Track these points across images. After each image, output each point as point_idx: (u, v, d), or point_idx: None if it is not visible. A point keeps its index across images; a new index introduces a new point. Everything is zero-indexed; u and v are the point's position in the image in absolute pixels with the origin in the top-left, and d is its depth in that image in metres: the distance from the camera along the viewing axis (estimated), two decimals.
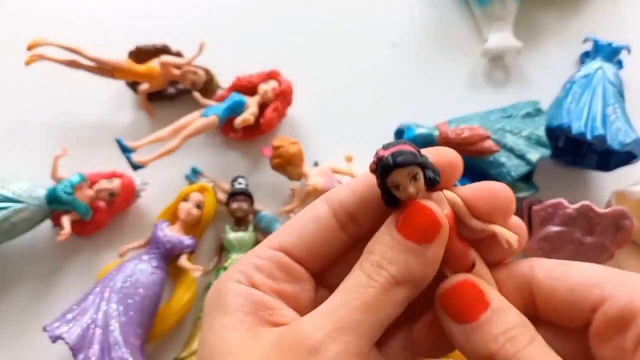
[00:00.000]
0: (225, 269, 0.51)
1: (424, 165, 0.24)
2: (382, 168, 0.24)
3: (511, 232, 0.24)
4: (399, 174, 0.24)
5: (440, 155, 0.25)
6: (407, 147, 0.24)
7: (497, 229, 0.24)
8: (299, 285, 0.25)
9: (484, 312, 0.23)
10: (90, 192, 0.53)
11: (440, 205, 0.24)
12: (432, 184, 0.24)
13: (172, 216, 0.54)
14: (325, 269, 0.26)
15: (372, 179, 0.25)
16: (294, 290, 0.25)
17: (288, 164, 0.53)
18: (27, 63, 0.54)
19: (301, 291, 0.25)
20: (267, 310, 0.24)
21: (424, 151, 0.25)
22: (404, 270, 0.22)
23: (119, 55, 0.56)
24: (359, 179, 0.26)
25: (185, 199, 0.53)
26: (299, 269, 0.25)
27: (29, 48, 0.54)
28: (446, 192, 0.25)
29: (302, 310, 0.24)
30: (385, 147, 0.24)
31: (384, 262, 0.23)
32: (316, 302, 0.25)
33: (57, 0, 0.64)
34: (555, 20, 0.65)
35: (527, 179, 0.55)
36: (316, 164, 0.56)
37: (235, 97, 0.56)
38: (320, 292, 0.26)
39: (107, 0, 0.64)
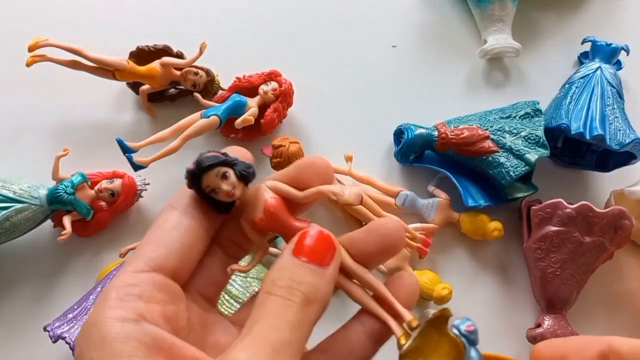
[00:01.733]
0: None
1: (229, 164, 0.25)
2: (192, 177, 0.25)
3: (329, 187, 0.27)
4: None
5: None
6: (209, 154, 0.25)
7: (320, 187, 0.27)
8: (177, 304, 0.24)
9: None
10: (91, 192, 0.53)
11: (262, 195, 0.26)
12: (246, 178, 0.26)
13: None
14: (190, 277, 0.26)
15: None
16: (176, 311, 0.24)
17: (288, 164, 0.53)
18: (29, 64, 0.55)
19: (180, 310, 0.24)
20: (167, 351, 0.21)
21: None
22: (313, 290, 0.24)
23: (119, 56, 0.57)
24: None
25: None
26: (173, 285, 0.24)
27: (30, 49, 0.54)
28: (266, 182, 0.27)
29: (181, 332, 0.23)
30: (191, 163, 0.25)
31: (294, 284, 0.23)
32: (189, 319, 0.24)
33: (57, 1, 0.64)
34: (553, 21, 0.65)
35: (526, 179, 0.55)
36: None
37: (236, 97, 0.56)
38: (192, 306, 0.26)
39: (108, 1, 0.64)
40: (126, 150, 0.51)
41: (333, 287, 0.25)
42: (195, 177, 0.25)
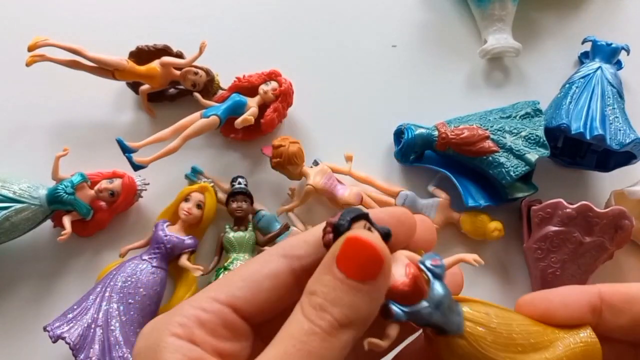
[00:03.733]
0: (225, 268, 0.51)
1: (371, 220, 0.24)
2: (341, 228, 0.23)
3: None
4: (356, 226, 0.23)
5: (394, 214, 0.25)
6: (352, 208, 0.24)
7: (463, 255, 0.25)
8: (240, 343, 0.24)
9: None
10: (91, 192, 0.53)
11: (400, 260, 0.24)
12: (388, 237, 0.24)
13: (172, 216, 0.54)
14: (267, 322, 0.25)
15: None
16: (234, 349, 0.23)
17: (288, 164, 0.54)
18: (28, 64, 0.55)
19: (241, 349, 0.24)
20: None
21: (375, 211, 0.25)
22: (349, 312, 0.21)
23: (119, 55, 0.57)
24: (316, 231, 0.25)
25: (185, 199, 0.53)
26: (243, 326, 0.24)
27: (30, 49, 0.54)
28: (403, 251, 0.25)
29: None
30: (331, 218, 0.24)
31: (326, 304, 0.21)
32: (252, 357, 0.23)
33: (57, 1, 0.64)
34: (554, 21, 0.65)
35: (526, 179, 0.55)
36: (316, 163, 0.56)
37: (236, 97, 0.56)
38: (256, 343, 0.25)
39: (108, 1, 0.64)
40: (126, 150, 0.51)
41: (379, 305, 0.22)
42: (343, 228, 0.23)
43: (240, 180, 0.55)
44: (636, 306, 0.25)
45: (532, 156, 0.52)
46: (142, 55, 0.58)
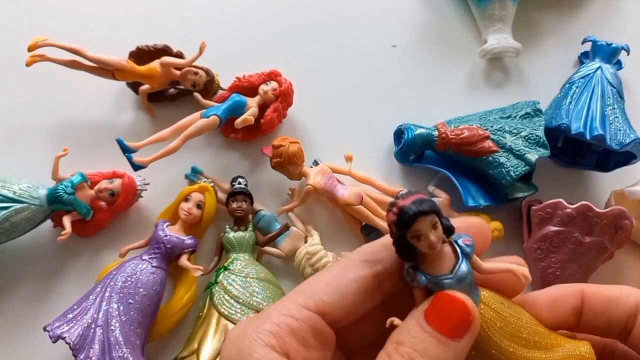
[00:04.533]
0: (225, 268, 0.51)
1: (440, 214, 0.24)
2: (406, 216, 0.23)
3: (520, 266, 0.25)
4: (423, 222, 0.24)
5: (472, 224, 0.26)
6: (425, 196, 0.24)
7: (512, 266, 0.25)
8: (325, 352, 0.24)
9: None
10: (91, 192, 0.53)
11: (449, 260, 0.25)
12: (450, 232, 0.25)
13: (172, 216, 0.54)
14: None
15: None
16: (322, 357, 0.23)
17: (288, 163, 0.54)
18: (28, 64, 0.55)
19: (326, 357, 0.24)
20: None
21: (454, 221, 0.26)
22: None
23: (119, 55, 0.57)
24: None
25: (185, 198, 0.53)
26: (329, 333, 0.24)
27: (30, 49, 0.54)
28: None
29: None
30: (402, 197, 0.24)
31: (415, 354, 0.22)
32: None
33: (57, 1, 0.64)
34: (554, 21, 0.65)
35: (526, 179, 0.55)
36: (316, 163, 0.56)
37: (236, 97, 0.56)
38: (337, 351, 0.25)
39: (108, 1, 0.64)
40: (126, 150, 0.51)
41: None
42: (413, 217, 0.23)
43: (240, 180, 0.55)
44: (613, 309, 0.26)
45: (532, 156, 0.52)
46: (142, 55, 0.58)
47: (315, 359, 0.23)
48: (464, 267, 0.25)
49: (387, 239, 0.26)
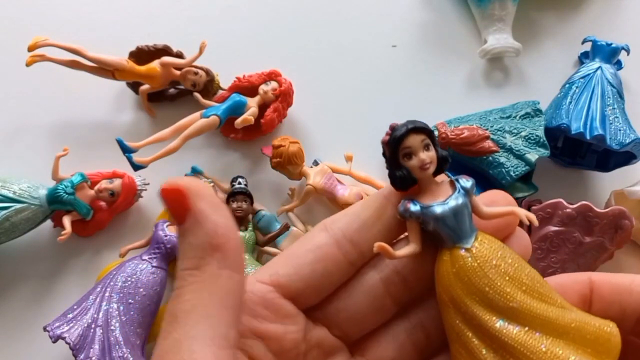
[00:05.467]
0: None
1: (433, 137, 0.25)
2: (398, 132, 0.24)
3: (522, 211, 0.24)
4: (414, 139, 0.24)
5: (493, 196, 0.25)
6: (417, 121, 0.25)
7: (515, 208, 0.25)
8: (284, 326, 0.23)
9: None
10: (91, 192, 0.53)
11: (446, 192, 0.24)
12: (445, 161, 0.25)
13: None
14: (322, 303, 0.25)
15: (375, 203, 0.25)
16: (276, 331, 0.23)
17: (288, 163, 0.54)
18: (28, 64, 0.55)
19: (285, 332, 0.23)
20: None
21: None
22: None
23: (119, 55, 0.57)
24: (359, 205, 0.26)
25: None
26: (287, 305, 0.23)
27: (30, 49, 0.54)
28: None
29: (285, 354, 0.23)
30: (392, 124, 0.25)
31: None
32: (306, 343, 0.23)
33: (57, 1, 0.64)
34: (554, 21, 0.65)
35: (526, 179, 0.55)
36: (316, 163, 0.56)
37: (236, 97, 0.56)
38: (316, 330, 0.25)
39: (108, 1, 0.64)
40: (126, 150, 0.51)
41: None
42: (404, 133, 0.24)
43: (240, 180, 0.55)
44: (625, 297, 0.24)
45: (532, 156, 0.52)
46: (142, 55, 0.58)
47: (269, 331, 0.23)
48: (460, 199, 0.24)
49: (349, 208, 0.26)
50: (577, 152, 0.58)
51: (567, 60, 0.63)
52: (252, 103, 0.56)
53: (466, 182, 0.25)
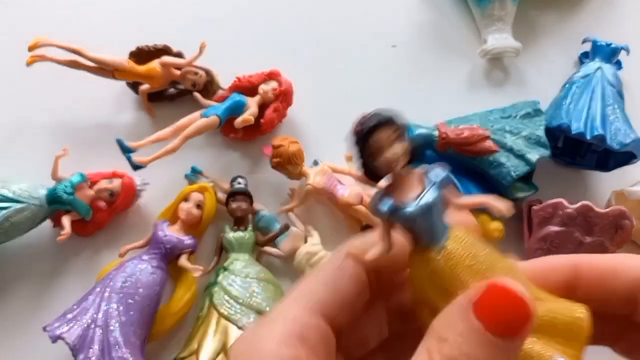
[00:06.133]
0: (225, 268, 0.51)
1: (404, 129, 0.23)
2: (363, 129, 0.22)
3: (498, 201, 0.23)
4: (379, 136, 0.22)
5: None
6: (384, 109, 0.22)
7: (487, 197, 0.23)
8: (330, 358, 0.22)
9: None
10: (90, 192, 0.53)
11: (419, 185, 0.22)
12: (417, 151, 0.23)
13: (172, 216, 0.54)
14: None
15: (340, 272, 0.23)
16: None
17: (288, 163, 0.54)
18: (28, 64, 0.55)
19: None
20: None
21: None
22: None
23: (119, 55, 0.57)
24: (329, 273, 0.24)
25: (185, 199, 0.53)
26: (332, 337, 0.22)
27: (30, 49, 0.54)
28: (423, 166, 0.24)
29: None
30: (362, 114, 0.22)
31: (461, 357, 0.18)
32: None
33: (57, 1, 0.64)
34: (554, 21, 0.65)
35: (526, 179, 0.55)
36: (316, 163, 0.56)
37: (236, 97, 0.56)
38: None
39: (108, 1, 0.64)
40: (125, 150, 0.51)
41: None
42: (371, 127, 0.22)
43: (240, 180, 0.55)
44: (609, 281, 0.23)
45: (533, 156, 0.52)
46: (142, 55, 0.58)
47: None
48: (429, 196, 0.22)
49: (323, 276, 0.24)
50: (577, 152, 0.58)
51: (567, 60, 0.63)
52: (252, 103, 0.56)
53: (441, 173, 0.23)
